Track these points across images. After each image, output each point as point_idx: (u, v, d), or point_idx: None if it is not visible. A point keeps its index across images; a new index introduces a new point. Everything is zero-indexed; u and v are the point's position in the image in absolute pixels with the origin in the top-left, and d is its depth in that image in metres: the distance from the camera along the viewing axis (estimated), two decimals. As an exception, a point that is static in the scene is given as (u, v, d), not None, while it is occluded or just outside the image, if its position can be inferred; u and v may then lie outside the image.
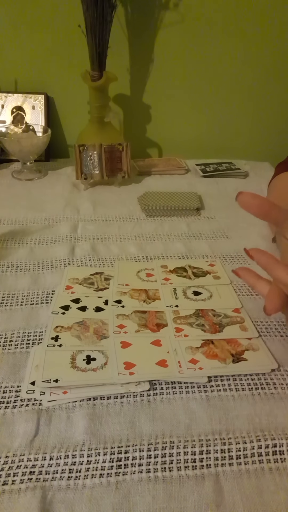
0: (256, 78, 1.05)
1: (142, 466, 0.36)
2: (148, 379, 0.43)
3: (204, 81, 1.04)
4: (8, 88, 1.01)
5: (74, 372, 0.43)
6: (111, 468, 0.36)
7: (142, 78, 1.03)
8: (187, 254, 0.67)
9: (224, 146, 1.13)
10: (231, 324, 0.51)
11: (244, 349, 0.47)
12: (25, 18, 0.94)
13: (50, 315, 0.52)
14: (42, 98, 1.00)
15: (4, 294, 0.56)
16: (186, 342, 0.48)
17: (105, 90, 0.91)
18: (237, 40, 0.99)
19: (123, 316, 0.52)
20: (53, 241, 0.70)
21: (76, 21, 0.87)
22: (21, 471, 0.35)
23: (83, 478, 0.35)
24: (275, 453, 0.37)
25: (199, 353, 0.46)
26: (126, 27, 0.96)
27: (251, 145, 1.14)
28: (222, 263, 0.65)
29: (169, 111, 1.07)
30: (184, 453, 0.37)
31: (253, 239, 0.72)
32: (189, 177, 0.99)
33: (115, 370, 0.43)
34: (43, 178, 0.95)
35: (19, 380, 0.43)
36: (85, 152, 0.87)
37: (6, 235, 0.71)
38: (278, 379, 0.44)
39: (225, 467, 0.36)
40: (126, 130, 1.04)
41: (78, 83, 0.93)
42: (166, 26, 0.96)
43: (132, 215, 0.80)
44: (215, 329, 0.50)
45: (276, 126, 1.12)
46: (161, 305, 0.54)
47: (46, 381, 0.42)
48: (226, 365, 0.45)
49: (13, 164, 1.00)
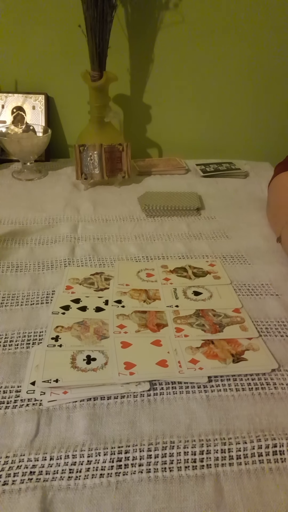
0: (256, 78, 1.05)
1: (142, 466, 0.36)
2: (148, 379, 0.43)
3: (204, 81, 1.04)
4: (8, 88, 1.01)
5: (74, 372, 0.43)
6: (111, 468, 0.36)
7: (142, 78, 1.03)
8: (187, 254, 0.67)
9: (224, 146, 1.13)
10: (231, 324, 0.51)
11: (244, 349, 0.47)
12: (25, 18, 0.94)
13: (50, 315, 0.52)
14: (42, 98, 1.00)
15: (4, 294, 0.56)
16: (186, 342, 0.48)
17: (105, 90, 0.91)
18: (237, 40, 0.99)
19: (123, 316, 0.52)
20: (53, 241, 0.70)
21: (76, 21, 0.87)
22: (21, 471, 0.35)
23: (83, 478, 0.35)
24: (275, 453, 0.37)
25: (199, 353, 0.46)
26: (126, 27, 0.96)
27: (251, 145, 1.14)
28: (222, 263, 0.65)
29: (169, 111, 1.07)
30: (184, 453, 0.37)
31: (253, 239, 0.72)
32: (189, 177, 0.99)
33: (115, 370, 0.43)
34: (43, 178, 0.95)
35: (19, 380, 0.43)
36: (85, 152, 0.87)
37: (6, 235, 0.71)
38: (278, 379, 0.44)
39: (225, 467, 0.36)
40: (126, 130, 1.04)
41: (78, 83, 0.93)
42: (166, 26, 0.96)
43: (132, 215, 0.80)
44: (215, 329, 0.50)
45: (276, 126, 1.12)
46: (161, 305, 0.54)
47: (46, 381, 0.42)
48: (226, 365, 0.45)
49: (13, 164, 1.00)
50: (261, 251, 0.69)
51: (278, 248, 0.69)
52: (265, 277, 0.61)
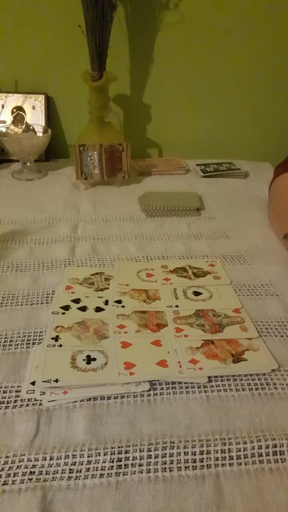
0: (256, 78, 1.05)
1: (142, 466, 0.36)
2: (148, 379, 0.43)
3: (204, 81, 1.04)
4: (8, 88, 1.01)
5: (74, 372, 0.43)
6: (111, 468, 0.36)
7: (142, 78, 1.03)
8: (187, 254, 0.67)
9: (224, 146, 1.13)
10: (231, 324, 0.51)
11: (244, 349, 0.47)
12: (25, 18, 0.94)
13: (50, 315, 0.52)
14: (42, 98, 1.00)
15: (4, 294, 0.56)
16: (186, 342, 0.48)
17: (105, 90, 0.91)
18: (237, 40, 0.99)
19: (123, 316, 0.52)
20: (53, 241, 0.70)
21: (76, 21, 0.87)
22: (21, 471, 0.35)
23: (83, 478, 0.35)
24: (275, 453, 0.37)
25: (199, 353, 0.46)
26: (126, 27, 0.96)
27: (251, 145, 1.14)
28: (222, 263, 0.65)
29: (169, 111, 1.07)
30: (184, 453, 0.37)
31: (253, 239, 0.72)
32: (189, 177, 0.99)
33: (115, 370, 0.43)
34: (43, 178, 0.95)
35: (19, 380, 0.43)
36: (85, 152, 0.87)
37: (6, 235, 0.71)
38: (278, 379, 0.44)
39: (225, 467, 0.36)
40: (126, 130, 1.04)
41: (78, 83, 0.93)
42: (166, 26, 0.96)
43: (132, 215, 0.80)
44: (215, 329, 0.50)
45: (276, 126, 1.12)
46: (161, 305, 0.54)
47: (46, 381, 0.42)
48: (226, 365, 0.45)
49: (13, 164, 1.00)
50: (261, 251, 0.69)
51: (278, 248, 0.69)
52: (265, 277, 0.61)
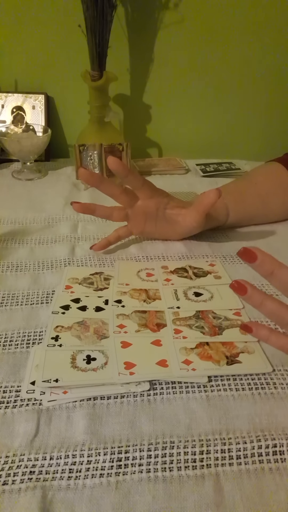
0: (257, 78, 1.05)
1: (142, 466, 0.36)
2: (148, 379, 0.43)
3: (204, 81, 1.04)
4: (8, 88, 1.01)
5: (74, 372, 0.43)
6: (111, 468, 0.36)
7: (142, 78, 1.02)
8: (187, 254, 0.67)
9: (224, 146, 1.13)
10: (231, 327, 0.51)
11: (239, 352, 0.47)
12: (25, 18, 0.94)
13: (50, 315, 0.52)
14: (42, 98, 1.00)
15: (4, 294, 0.56)
16: (182, 342, 0.48)
17: (105, 90, 0.91)
18: (237, 40, 0.99)
19: (123, 316, 0.52)
20: (53, 241, 0.70)
21: (76, 21, 0.87)
22: (21, 471, 0.35)
23: (83, 478, 0.35)
24: (275, 453, 0.37)
25: (194, 354, 0.46)
26: (126, 27, 0.96)
27: (251, 145, 1.14)
28: (222, 263, 0.65)
29: (169, 111, 1.07)
30: (184, 453, 0.37)
31: (253, 239, 0.72)
32: (189, 177, 0.99)
33: (115, 370, 0.43)
34: (43, 178, 0.95)
35: (19, 380, 0.43)
36: (85, 152, 0.87)
37: (6, 235, 0.71)
38: (278, 379, 0.44)
39: (225, 467, 0.36)
40: (126, 130, 1.04)
41: (78, 83, 0.93)
42: (166, 26, 0.96)
43: (132, 215, 0.80)
44: (215, 332, 0.50)
45: (276, 126, 1.12)
46: (162, 305, 0.54)
47: (46, 381, 0.42)
48: (220, 367, 0.44)
49: (13, 164, 1.00)
50: (261, 251, 0.69)
51: (278, 249, 0.69)
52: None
